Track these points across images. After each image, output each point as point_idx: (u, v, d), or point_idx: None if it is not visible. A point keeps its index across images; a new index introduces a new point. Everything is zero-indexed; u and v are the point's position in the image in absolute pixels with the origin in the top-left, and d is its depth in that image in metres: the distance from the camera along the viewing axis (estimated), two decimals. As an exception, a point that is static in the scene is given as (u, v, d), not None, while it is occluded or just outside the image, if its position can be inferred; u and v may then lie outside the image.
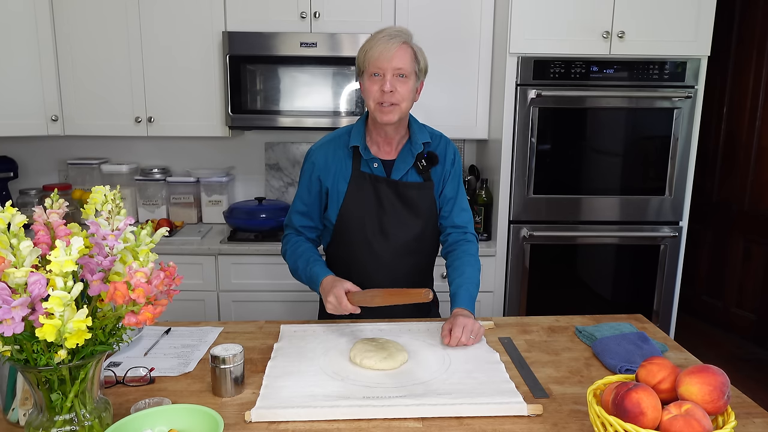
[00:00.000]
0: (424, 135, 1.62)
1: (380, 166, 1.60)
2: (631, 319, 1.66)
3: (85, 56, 2.59)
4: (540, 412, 1.13)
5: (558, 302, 2.62)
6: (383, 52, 1.46)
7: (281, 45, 2.53)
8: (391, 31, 1.49)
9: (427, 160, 1.61)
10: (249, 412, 1.10)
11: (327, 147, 1.64)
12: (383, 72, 1.48)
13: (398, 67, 1.47)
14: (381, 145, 1.62)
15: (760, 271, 3.45)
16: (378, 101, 1.50)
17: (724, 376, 0.98)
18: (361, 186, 1.60)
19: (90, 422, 0.93)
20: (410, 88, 1.52)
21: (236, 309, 2.55)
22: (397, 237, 1.62)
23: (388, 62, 1.46)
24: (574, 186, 2.55)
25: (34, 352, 0.86)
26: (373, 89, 1.50)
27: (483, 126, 2.72)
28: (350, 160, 1.61)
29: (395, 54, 1.46)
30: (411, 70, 1.50)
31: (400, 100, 1.50)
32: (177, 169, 3.03)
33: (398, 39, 1.48)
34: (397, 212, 1.60)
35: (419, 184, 1.61)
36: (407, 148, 1.61)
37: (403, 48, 1.48)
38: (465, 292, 1.53)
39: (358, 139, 1.59)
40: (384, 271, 1.63)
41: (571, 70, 2.45)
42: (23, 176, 2.97)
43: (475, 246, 1.66)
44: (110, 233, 0.89)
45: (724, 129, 3.67)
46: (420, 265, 1.68)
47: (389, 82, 1.47)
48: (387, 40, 1.47)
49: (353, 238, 1.62)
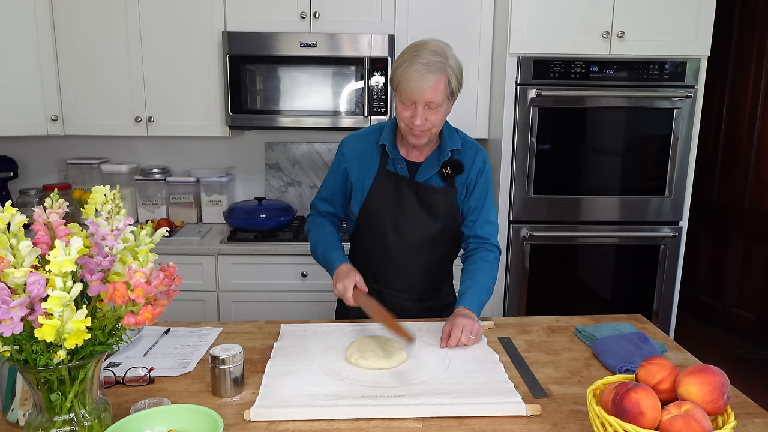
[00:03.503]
0: (454, 141, 1.62)
1: (405, 168, 1.61)
2: (631, 319, 1.66)
3: (85, 56, 2.59)
4: (538, 412, 1.13)
5: (558, 302, 2.62)
6: (417, 87, 1.43)
7: (281, 45, 2.53)
8: (428, 59, 1.43)
9: (452, 168, 1.60)
10: (248, 411, 1.10)
11: (359, 140, 1.66)
12: (415, 103, 1.47)
13: (431, 101, 1.45)
14: (410, 149, 1.63)
15: (760, 271, 3.45)
16: (409, 126, 1.50)
17: (724, 376, 0.98)
18: (385, 183, 1.62)
19: (89, 422, 0.93)
20: (441, 115, 1.51)
21: (236, 309, 2.55)
22: (412, 236, 1.63)
23: (420, 96, 1.44)
24: (574, 186, 2.55)
25: (33, 353, 0.86)
26: (405, 115, 1.50)
27: (483, 126, 2.71)
28: (378, 158, 1.63)
29: (429, 88, 1.43)
30: (443, 99, 1.47)
31: (431, 127, 1.51)
32: (177, 169, 3.03)
33: (434, 73, 1.42)
34: (415, 213, 1.61)
35: (441, 189, 1.61)
36: (435, 154, 1.62)
37: (438, 80, 1.43)
38: (473, 294, 1.53)
39: (387, 138, 1.61)
40: (395, 268, 1.65)
41: (571, 70, 2.45)
42: (23, 176, 2.97)
43: (494, 255, 1.65)
44: (110, 233, 0.89)
45: (724, 129, 3.66)
46: (431, 268, 1.68)
47: (420, 116, 1.47)
48: (421, 76, 1.42)
49: (371, 232, 1.65)
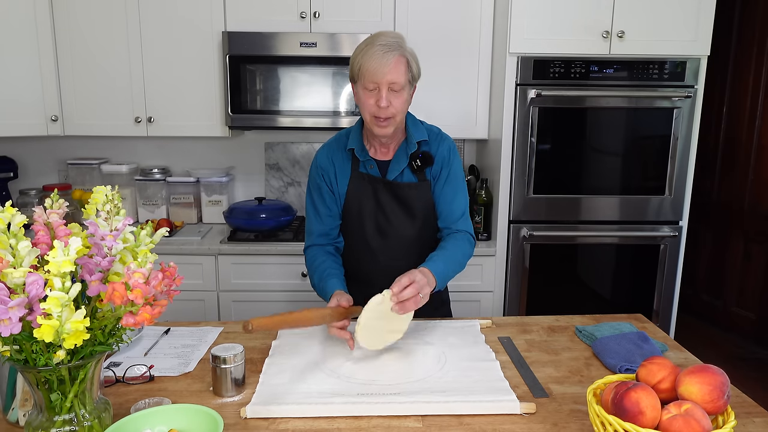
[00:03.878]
0: (420, 133, 1.61)
1: (375, 167, 1.61)
2: (631, 319, 1.66)
3: (85, 56, 2.59)
4: (533, 410, 1.13)
5: (558, 302, 2.62)
6: (378, 67, 1.45)
7: (281, 45, 2.53)
8: (386, 41, 1.47)
9: (421, 160, 1.60)
10: (244, 408, 1.11)
11: (329, 149, 1.66)
12: (378, 86, 1.47)
13: (393, 81, 1.47)
14: (378, 147, 1.63)
15: (760, 270, 3.44)
16: (373, 114, 1.50)
17: (724, 376, 0.98)
18: (360, 186, 1.61)
19: (90, 422, 0.93)
20: (405, 99, 1.52)
21: (236, 309, 2.55)
22: (395, 237, 1.62)
23: (383, 77, 1.45)
24: (574, 186, 2.55)
25: (33, 353, 0.86)
26: (369, 102, 1.50)
27: (483, 126, 2.71)
28: (350, 162, 1.63)
29: (390, 69, 1.45)
30: (405, 82, 1.49)
31: (395, 113, 1.50)
32: (177, 169, 3.03)
33: (394, 52, 1.46)
34: (394, 212, 1.61)
35: (414, 184, 1.61)
36: (403, 149, 1.61)
37: (397, 60, 1.46)
38: (438, 260, 1.49)
39: (354, 142, 1.61)
40: (380, 268, 1.63)
41: (571, 69, 2.45)
42: (23, 176, 2.97)
43: (467, 237, 1.61)
44: (108, 234, 0.89)
45: (724, 128, 3.66)
46: (417, 264, 1.67)
47: (384, 98, 1.47)
48: (382, 55, 1.45)
49: (354, 237, 1.65)
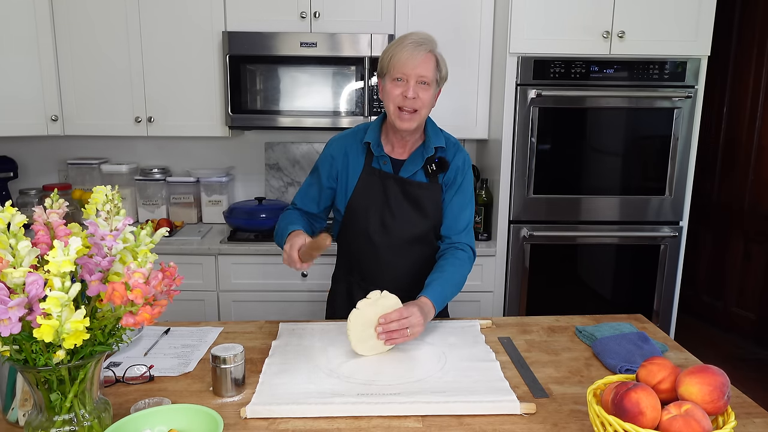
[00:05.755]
0: (438, 139, 1.63)
1: (389, 164, 1.63)
2: (631, 319, 1.66)
3: (85, 56, 2.59)
4: (533, 411, 1.13)
5: (558, 302, 2.62)
6: (409, 58, 1.48)
7: (281, 45, 2.53)
8: (418, 38, 1.50)
9: (437, 165, 1.61)
10: (244, 408, 1.11)
11: (345, 140, 1.68)
12: (407, 78, 1.49)
13: (422, 75, 1.49)
14: (395, 145, 1.64)
15: (760, 271, 3.44)
16: (399, 105, 1.52)
17: (724, 376, 0.98)
18: (370, 181, 1.63)
19: (89, 422, 0.93)
20: (431, 96, 1.54)
21: (236, 309, 2.55)
22: (398, 233, 1.63)
23: (413, 69, 1.48)
24: (574, 186, 2.55)
25: (33, 353, 0.86)
26: (395, 93, 1.51)
27: (483, 126, 2.71)
28: (363, 156, 1.64)
29: (421, 62, 1.49)
30: (433, 78, 1.52)
31: (421, 106, 1.52)
32: (177, 169, 3.03)
33: (425, 47, 1.49)
34: (401, 209, 1.62)
35: (426, 185, 1.62)
36: (419, 151, 1.63)
37: (428, 56, 1.50)
38: (437, 286, 1.50)
39: (372, 137, 1.62)
40: (382, 265, 1.65)
41: (571, 70, 2.45)
42: (23, 176, 2.97)
43: (468, 255, 1.63)
44: (108, 233, 0.89)
45: (724, 129, 3.66)
46: (418, 265, 1.68)
47: (412, 89, 1.49)
48: (414, 48, 1.48)
49: (356, 230, 1.66)
